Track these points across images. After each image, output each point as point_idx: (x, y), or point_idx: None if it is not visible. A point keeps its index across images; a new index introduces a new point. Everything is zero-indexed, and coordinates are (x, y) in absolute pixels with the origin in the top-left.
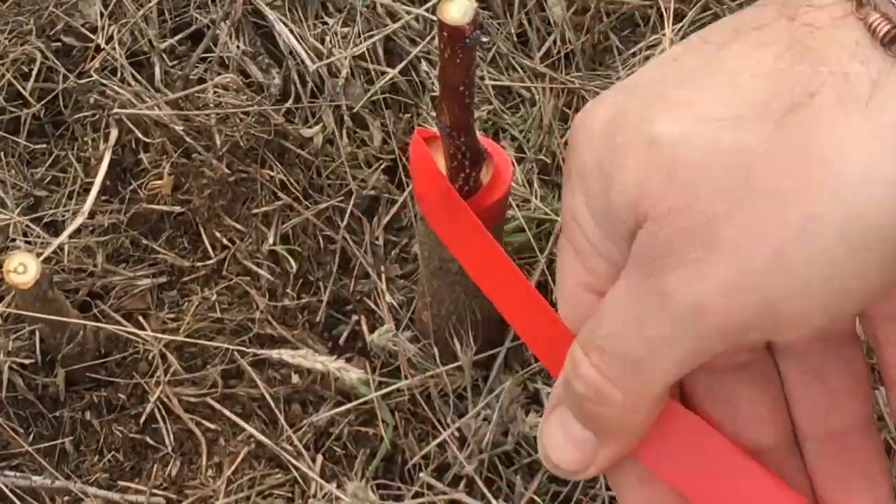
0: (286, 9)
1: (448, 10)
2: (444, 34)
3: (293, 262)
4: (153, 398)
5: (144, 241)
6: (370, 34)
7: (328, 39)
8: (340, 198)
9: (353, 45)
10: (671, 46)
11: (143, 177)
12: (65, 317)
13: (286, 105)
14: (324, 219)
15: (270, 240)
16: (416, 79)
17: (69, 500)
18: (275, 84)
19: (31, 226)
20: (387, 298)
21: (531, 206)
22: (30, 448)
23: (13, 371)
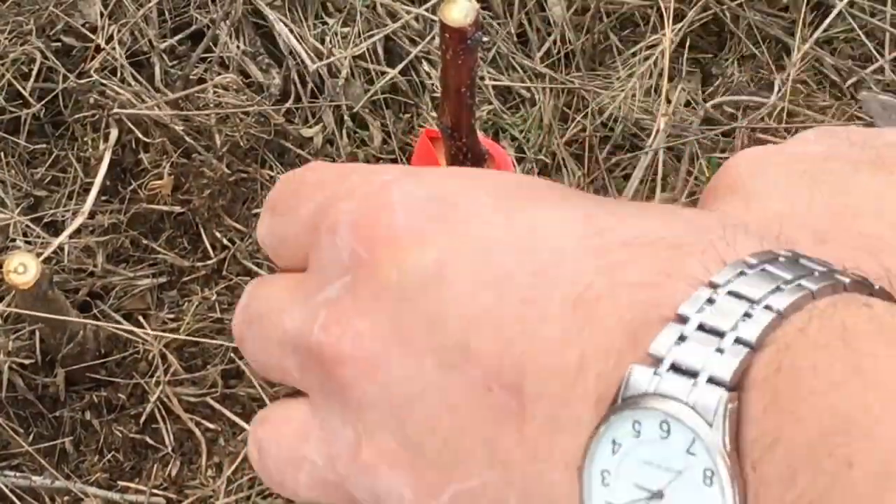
0: (286, 9)
1: (449, 12)
2: (446, 36)
3: None
4: (153, 398)
5: (144, 241)
6: (370, 34)
7: (328, 39)
8: None
9: (353, 45)
10: None
11: (143, 177)
12: (65, 317)
13: (286, 105)
14: None
15: None
16: (416, 79)
17: (69, 500)
18: (275, 84)
19: (31, 226)
20: None
21: None
22: (30, 448)
23: (13, 371)
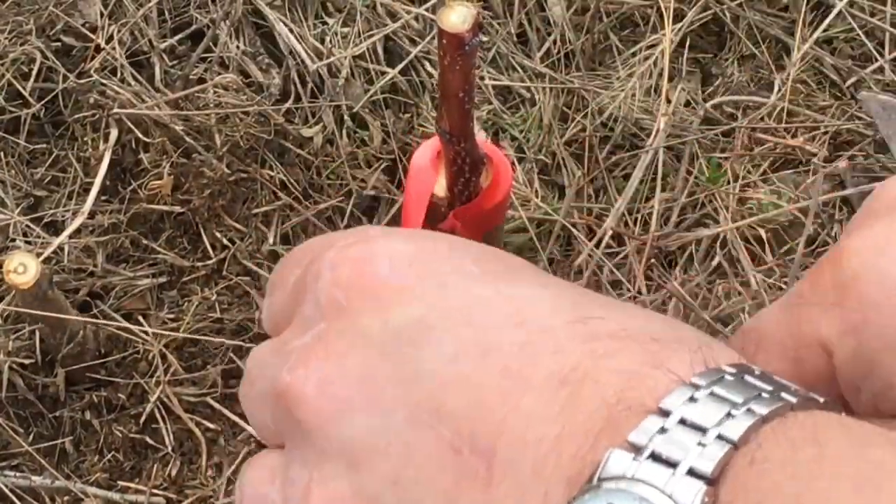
0: (286, 9)
1: (447, 17)
2: (444, 41)
3: None
4: (153, 398)
5: (144, 241)
6: (370, 34)
7: (328, 39)
8: (340, 198)
9: (353, 45)
10: None
11: (143, 177)
12: (65, 316)
13: (286, 105)
14: (324, 219)
15: (270, 240)
16: (416, 79)
17: (69, 500)
18: (275, 84)
19: (31, 226)
20: None
21: (531, 206)
22: (30, 448)
23: (13, 371)
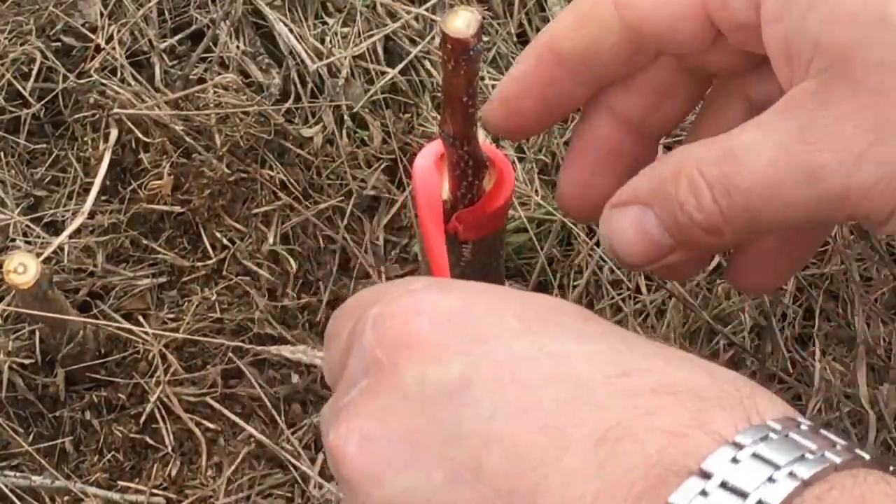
0: (286, 9)
1: (452, 22)
2: (448, 46)
3: (293, 262)
4: (153, 398)
5: (144, 241)
6: (370, 34)
7: (328, 39)
8: (340, 198)
9: (353, 45)
10: None
11: (143, 177)
12: (65, 316)
13: (286, 105)
14: (324, 219)
15: (270, 240)
16: (416, 79)
17: (69, 500)
18: (275, 84)
19: (31, 226)
20: None
21: (531, 206)
22: (30, 448)
23: (13, 371)
